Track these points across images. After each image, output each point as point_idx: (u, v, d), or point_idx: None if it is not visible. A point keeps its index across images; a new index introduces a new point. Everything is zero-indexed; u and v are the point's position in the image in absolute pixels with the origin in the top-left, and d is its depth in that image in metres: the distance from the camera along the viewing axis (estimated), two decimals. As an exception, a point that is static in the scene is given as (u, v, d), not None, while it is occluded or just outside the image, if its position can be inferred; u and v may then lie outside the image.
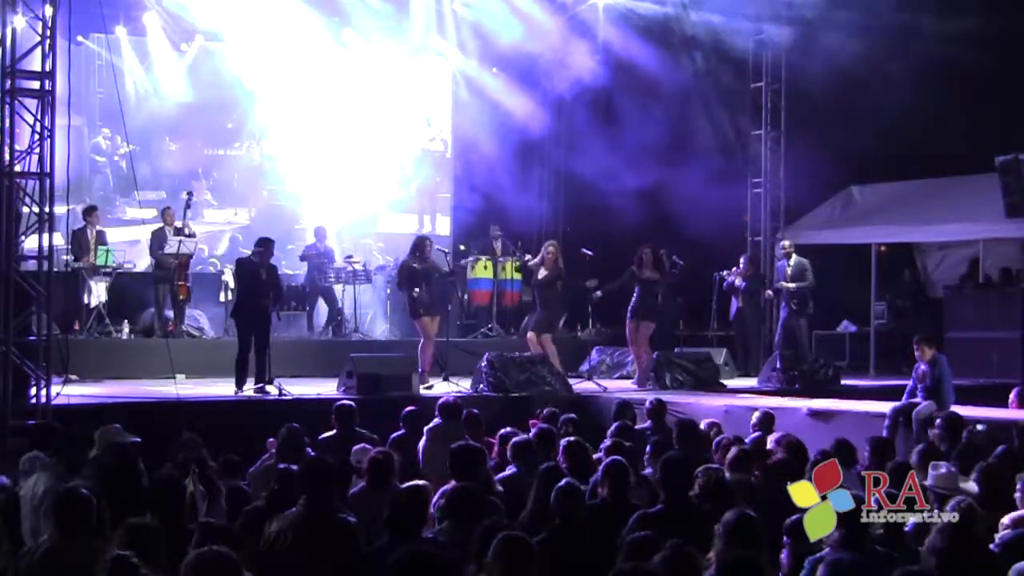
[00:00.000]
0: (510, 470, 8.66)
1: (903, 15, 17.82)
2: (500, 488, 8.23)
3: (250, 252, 14.50)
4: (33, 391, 11.35)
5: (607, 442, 9.46)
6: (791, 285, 17.38)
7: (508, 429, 9.76)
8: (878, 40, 18.20)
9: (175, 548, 5.80)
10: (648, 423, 11.32)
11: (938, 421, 10.45)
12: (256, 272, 13.88)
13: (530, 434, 9.55)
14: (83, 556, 5.90)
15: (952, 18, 17.75)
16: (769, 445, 9.51)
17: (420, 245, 15.32)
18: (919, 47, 17.94)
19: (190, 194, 17.56)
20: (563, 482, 6.90)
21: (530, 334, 15.76)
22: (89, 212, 16.45)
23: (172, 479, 6.99)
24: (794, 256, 17.43)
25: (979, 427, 10.71)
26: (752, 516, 5.90)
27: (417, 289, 14.97)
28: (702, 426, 10.70)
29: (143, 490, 7.37)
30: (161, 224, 16.82)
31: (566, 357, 16.66)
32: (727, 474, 8.06)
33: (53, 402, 11.31)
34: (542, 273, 15.78)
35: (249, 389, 13.54)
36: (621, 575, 4.90)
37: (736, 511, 5.96)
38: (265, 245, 14.09)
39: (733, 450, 8.63)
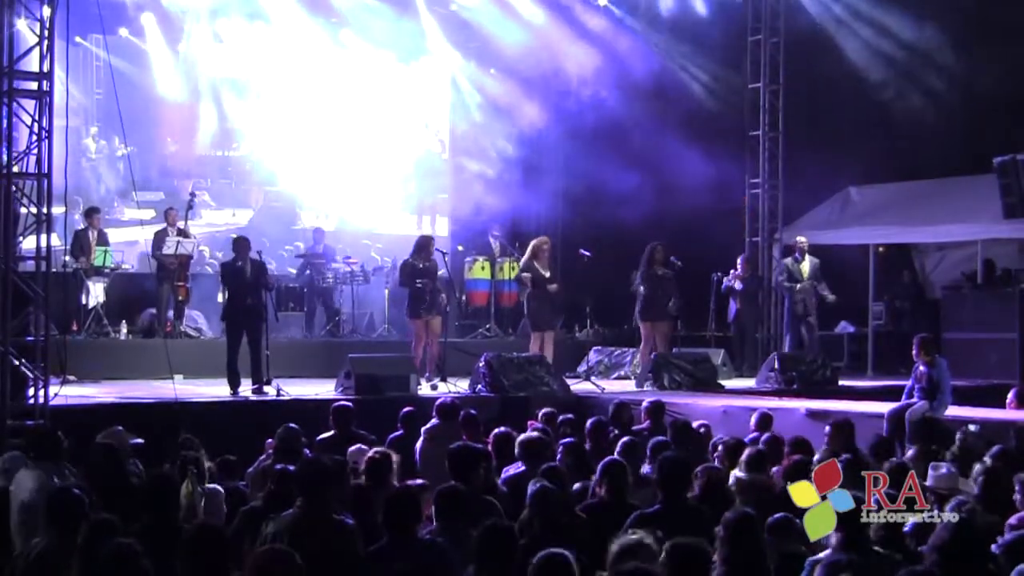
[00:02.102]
0: (518, 469, 8.58)
1: (902, 16, 17.83)
2: (504, 488, 8.19)
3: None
4: (31, 392, 11.33)
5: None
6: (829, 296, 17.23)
7: (502, 429, 9.68)
8: (877, 41, 18.21)
9: (169, 547, 5.78)
10: (646, 423, 11.32)
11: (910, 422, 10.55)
12: (239, 272, 13.87)
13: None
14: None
15: (951, 19, 17.78)
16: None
17: (424, 244, 15.40)
18: (918, 48, 17.94)
19: (192, 195, 17.57)
20: (536, 486, 6.87)
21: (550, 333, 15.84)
22: (90, 214, 16.47)
23: (165, 478, 6.96)
24: (808, 256, 17.31)
25: (972, 428, 10.72)
26: (753, 515, 5.88)
27: (421, 284, 15.01)
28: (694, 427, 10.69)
29: (136, 490, 7.36)
30: (164, 224, 16.82)
31: (564, 358, 16.66)
32: (743, 473, 8.06)
33: (51, 403, 11.29)
34: (547, 272, 15.79)
35: (246, 390, 13.52)
36: (622, 575, 4.89)
37: (736, 511, 5.95)
38: (237, 245, 14.09)
39: (748, 450, 8.60)
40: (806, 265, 17.16)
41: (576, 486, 8.14)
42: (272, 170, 20.12)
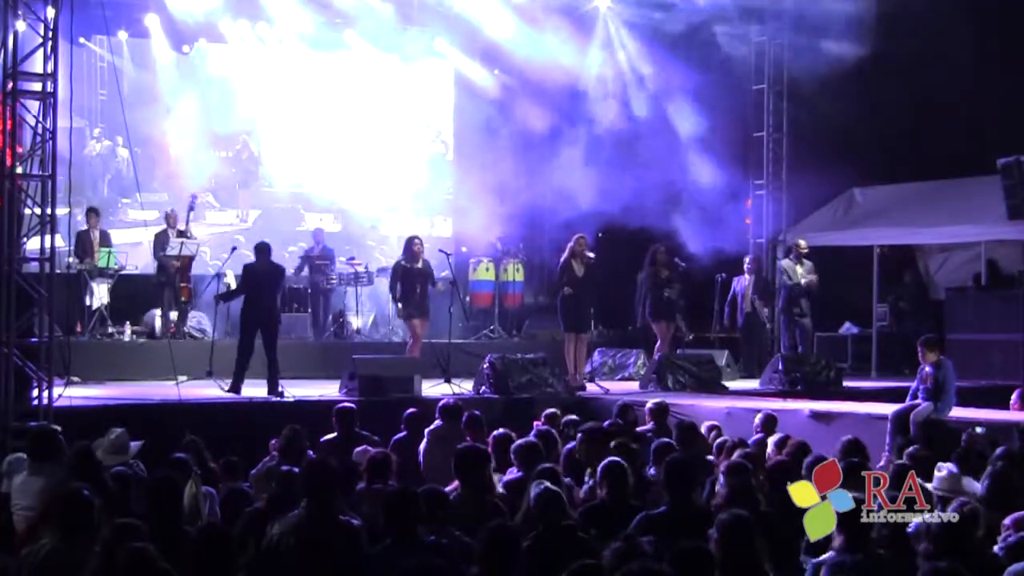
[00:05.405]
0: (514, 473, 8.54)
1: (904, 18, 17.81)
2: (503, 491, 8.18)
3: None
4: (35, 393, 11.35)
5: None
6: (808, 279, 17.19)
7: (501, 431, 9.62)
8: (879, 42, 18.17)
9: (171, 549, 5.79)
10: (650, 424, 11.32)
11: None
12: (259, 276, 13.90)
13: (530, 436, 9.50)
14: (84, 556, 5.91)
15: (953, 20, 17.76)
16: (769, 448, 9.51)
17: (408, 245, 15.38)
18: (920, 49, 17.91)
19: (193, 196, 17.60)
20: (541, 487, 6.86)
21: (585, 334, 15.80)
22: (90, 215, 16.49)
23: (168, 480, 6.98)
24: (805, 260, 17.31)
25: (978, 429, 10.72)
26: (746, 516, 5.87)
27: (402, 292, 15.01)
28: (703, 428, 10.68)
29: (110, 492, 7.37)
30: (164, 226, 16.84)
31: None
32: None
33: (55, 404, 11.30)
34: (581, 271, 15.65)
35: (248, 391, 13.51)
36: (629, 575, 4.88)
37: (730, 512, 5.94)
38: (258, 250, 14.15)
39: (737, 452, 8.59)
40: (802, 268, 17.18)
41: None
42: (276, 171, 20.13)
